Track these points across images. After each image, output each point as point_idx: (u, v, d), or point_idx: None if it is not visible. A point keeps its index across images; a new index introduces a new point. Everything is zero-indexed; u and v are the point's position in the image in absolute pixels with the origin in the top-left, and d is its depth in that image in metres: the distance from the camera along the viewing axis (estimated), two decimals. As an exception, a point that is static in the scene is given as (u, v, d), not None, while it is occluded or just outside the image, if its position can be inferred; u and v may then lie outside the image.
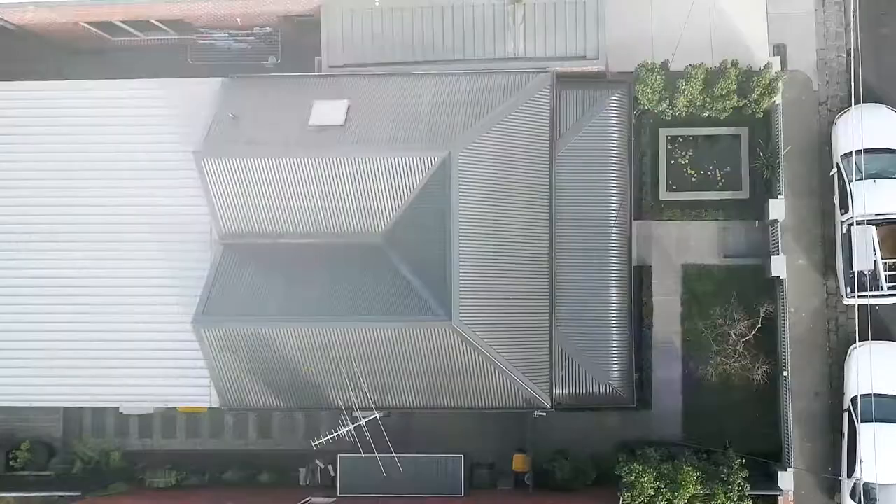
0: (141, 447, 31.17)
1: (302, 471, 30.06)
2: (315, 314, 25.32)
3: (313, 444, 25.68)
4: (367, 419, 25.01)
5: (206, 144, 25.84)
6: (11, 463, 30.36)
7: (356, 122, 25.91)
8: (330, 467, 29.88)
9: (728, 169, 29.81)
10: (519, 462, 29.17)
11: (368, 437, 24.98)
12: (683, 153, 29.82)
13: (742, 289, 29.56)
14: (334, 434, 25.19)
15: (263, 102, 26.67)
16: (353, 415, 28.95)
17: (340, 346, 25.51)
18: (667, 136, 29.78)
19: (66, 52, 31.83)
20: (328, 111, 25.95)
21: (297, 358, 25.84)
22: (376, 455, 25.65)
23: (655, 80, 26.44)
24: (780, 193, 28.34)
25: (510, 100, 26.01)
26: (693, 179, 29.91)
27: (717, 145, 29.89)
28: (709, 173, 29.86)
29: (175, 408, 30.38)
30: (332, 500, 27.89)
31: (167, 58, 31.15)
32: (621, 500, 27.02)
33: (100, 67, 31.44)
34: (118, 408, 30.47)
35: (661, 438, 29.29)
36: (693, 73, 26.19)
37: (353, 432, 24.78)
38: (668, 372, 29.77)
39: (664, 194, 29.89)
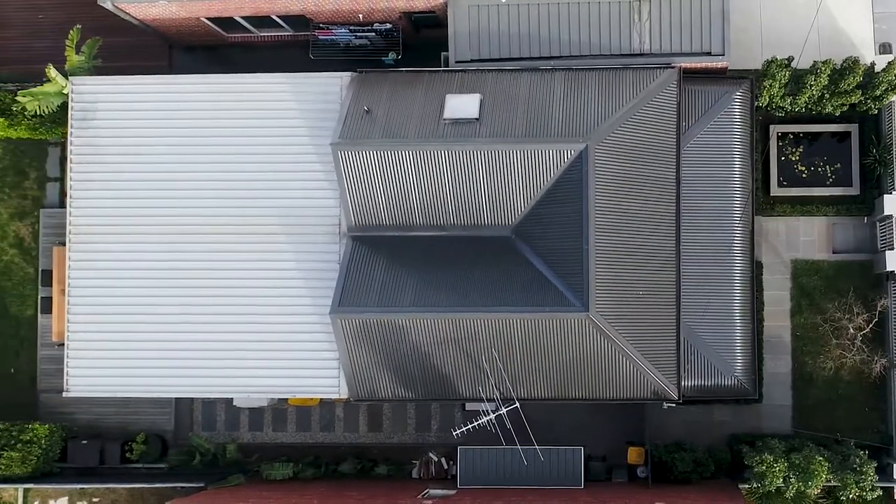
0: (251, 440, 31.30)
1: (416, 463, 30.29)
2: (452, 305, 25.59)
3: (455, 434, 25.85)
4: (509, 409, 25.21)
5: (342, 137, 26.10)
6: (127, 455, 30.43)
7: (490, 116, 26.18)
8: (443, 460, 30.16)
9: (838, 165, 30.20)
10: (633, 455, 29.40)
11: (509, 426, 25.19)
12: (794, 149, 30.19)
13: (850, 284, 29.93)
14: (475, 424, 25.35)
15: (394, 97, 26.90)
16: (467, 407, 29.39)
17: (474, 337, 25.75)
18: (777, 133, 30.16)
19: (178, 48, 31.99)
20: (462, 105, 26.23)
21: (429, 349, 26.08)
22: (517, 445, 25.86)
23: (784, 76, 26.77)
24: (893, 189, 28.73)
25: (640, 95, 26.34)
26: (804, 176, 30.29)
27: (827, 142, 30.29)
28: (819, 170, 30.24)
29: (286, 401, 30.61)
30: (453, 492, 28.06)
31: (277, 54, 31.44)
32: (745, 490, 27.35)
33: (212, 63, 31.71)
34: (229, 401, 30.75)
35: (772, 431, 29.64)
36: (823, 68, 26.54)
37: (494, 422, 24.95)
38: (777, 366, 30.15)
39: (775, 190, 30.25)
